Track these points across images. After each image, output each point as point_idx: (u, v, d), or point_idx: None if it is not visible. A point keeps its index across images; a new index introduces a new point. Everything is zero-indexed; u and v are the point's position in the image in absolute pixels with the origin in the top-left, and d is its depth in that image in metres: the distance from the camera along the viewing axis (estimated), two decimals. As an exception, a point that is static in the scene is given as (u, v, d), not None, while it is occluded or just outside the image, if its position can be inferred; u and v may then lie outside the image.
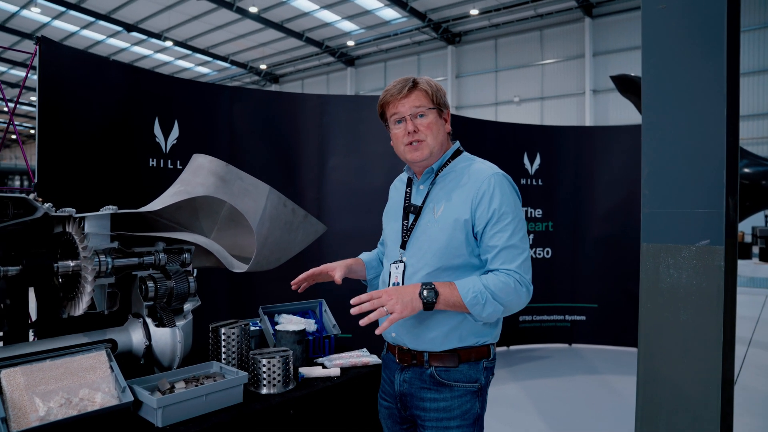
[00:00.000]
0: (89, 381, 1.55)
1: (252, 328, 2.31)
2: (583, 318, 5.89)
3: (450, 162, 1.75)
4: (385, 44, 22.03)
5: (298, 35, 21.23)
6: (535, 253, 5.80)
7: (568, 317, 5.91)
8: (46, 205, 1.58)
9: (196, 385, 1.66)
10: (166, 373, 1.73)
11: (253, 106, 4.24)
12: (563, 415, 4.15)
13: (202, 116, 3.97)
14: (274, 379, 1.81)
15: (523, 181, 5.74)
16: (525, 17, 18.37)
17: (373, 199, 4.46)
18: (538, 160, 5.78)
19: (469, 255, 1.62)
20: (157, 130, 3.71)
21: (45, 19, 19.53)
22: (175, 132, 3.83)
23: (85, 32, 20.72)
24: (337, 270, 1.83)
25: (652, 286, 2.57)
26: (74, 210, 1.72)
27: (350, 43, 22.05)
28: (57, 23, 19.95)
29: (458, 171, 1.71)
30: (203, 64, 25.03)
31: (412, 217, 1.72)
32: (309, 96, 4.55)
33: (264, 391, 1.82)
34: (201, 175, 1.87)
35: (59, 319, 1.71)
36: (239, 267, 1.99)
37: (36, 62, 2.89)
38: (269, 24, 19.93)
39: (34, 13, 18.89)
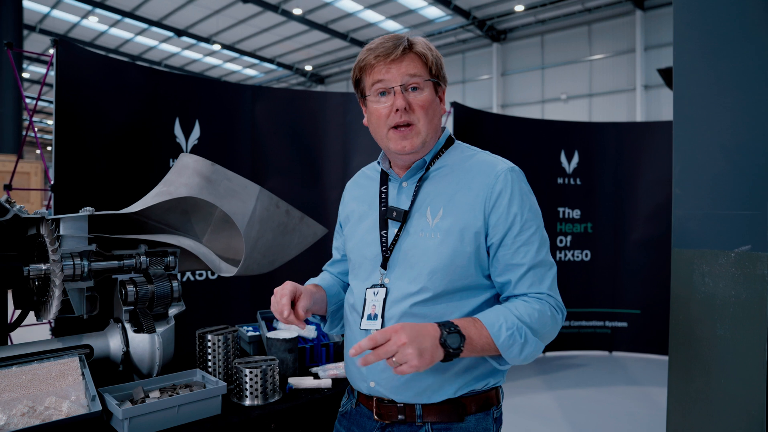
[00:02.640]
0: (58, 389, 1.50)
1: (253, 333, 2.24)
2: (625, 324, 5.58)
3: (442, 153, 1.36)
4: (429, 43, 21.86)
5: (343, 36, 21.31)
6: (573, 255, 5.54)
7: (608, 323, 5.60)
8: (17, 206, 1.55)
9: (171, 395, 1.59)
10: (145, 381, 1.66)
11: (275, 105, 4.19)
12: (598, 429, 3.91)
13: (224, 116, 3.96)
14: (256, 390, 1.72)
15: (559, 180, 5.49)
16: (572, 12, 17.78)
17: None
18: (576, 158, 5.51)
19: (477, 274, 1.25)
20: (178, 130, 3.71)
21: (102, 27, 20.37)
22: (196, 132, 3.82)
23: (139, 38, 21.47)
24: (300, 305, 1.28)
25: (684, 296, 2.33)
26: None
27: (394, 42, 21.98)
28: (113, 31, 20.76)
29: (456, 164, 1.33)
30: (250, 66, 25.52)
31: (394, 225, 1.30)
32: (332, 94, 4.47)
33: (247, 402, 1.73)
34: (185, 175, 1.80)
35: (77, 321, 1.68)
36: (227, 270, 1.91)
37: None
38: (314, 25, 20.09)
39: (92, 23, 19.73)
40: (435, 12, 18.99)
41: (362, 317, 1.29)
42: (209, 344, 1.84)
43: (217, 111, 3.94)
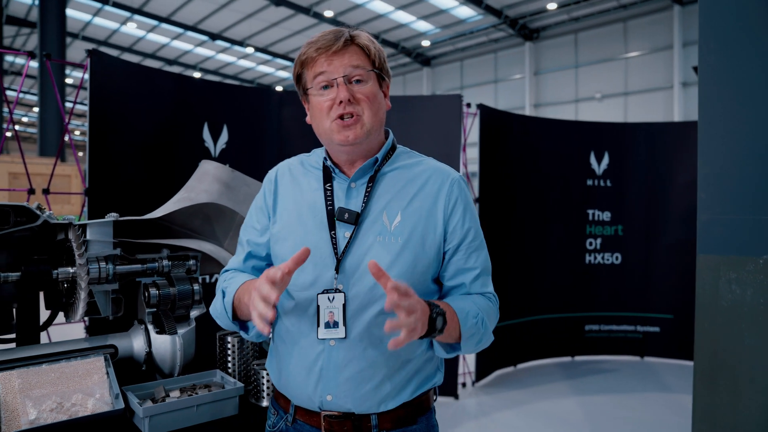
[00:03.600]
0: (84, 386, 1.57)
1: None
2: (657, 329, 5.45)
3: (390, 155, 1.32)
4: (460, 43, 21.73)
5: (374, 37, 21.40)
6: (602, 258, 5.45)
7: (639, 328, 5.49)
8: (47, 212, 1.63)
9: (190, 395, 1.64)
10: (166, 380, 1.73)
11: (302, 109, 4.23)
12: (624, 436, 3.84)
13: (251, 120, 4.04)
14: (272, 391, 1.76)
15: (589, 182, 5.41)
16: (607, 9, 17.42)
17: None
18: (606, 160, 5.42)
19: (430, 279, 1.26)
20: (206, 135, 3.81)
21: (140, 33, 20.96)
22: (224, 136, 3.91)
23: (175, 43, 22.01)
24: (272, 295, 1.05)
25: (710, 304, 2.28)
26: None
27: (425, 43, 21.94)
28: (150, 36, 21.33)
29: (406, 168, 1.29)
30: (283, 68, 25.86)
31: (343, 227, 1.23)
32: (359, 98, 4.51)
33: (264, 403, 1.77)
34: (206, 182, 1.85)
35: (109, 321, 1.76)
36: (247, 274, 1.96)
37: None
38: (345, 27, 20.25)
39: (130, 29, 20.34)
40: (466, 12, 18.88)
41: (318, 326, 1.20)
42: (229, 346, 1.90)
43: (245, 115, 4.02)
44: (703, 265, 2.26)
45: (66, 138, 3.15)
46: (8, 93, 27.08)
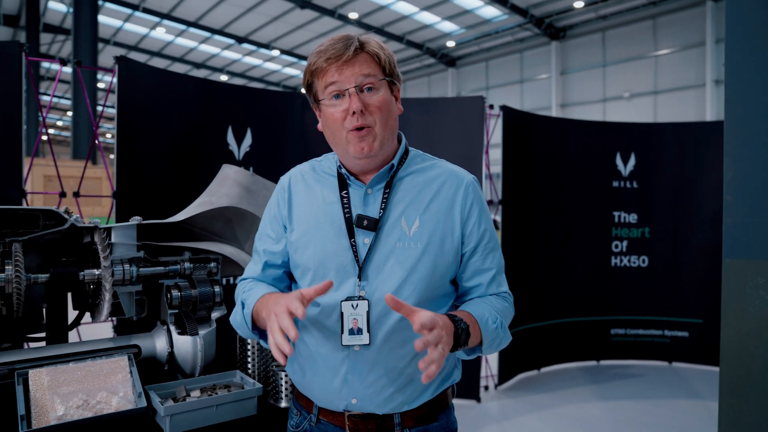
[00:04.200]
0: (108, 384, 1.62)
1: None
2: (686, 334, 5.33)
3: (405, 159, 1.32)
4: (486, 43, 21.62)
5: (399, 38, 21.43)
6: (629, 261, 5.35)
7: (667, 332, 5.38)
8: (74, 216, 1.68)
9: (210, 395, 1.68)
10: (188, 380, 1.77)
11: (325, 112, 4.29)
12: (650, 442, 3.77)
13: (274, 123, 4.10)
14: (291, 392, 1.79)
15: (615, 183, 5.33)
16: (636, 6, 17.13)
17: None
18: (632, 161, 5.33)
19: (448, 281, 1.28)
20: (230, 138, 3.88)
21: (169, 38, 21.40)
22: (248, 139, 3.97)
23: (203, 47, 22.42)
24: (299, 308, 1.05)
25: (737, 310, 2.22)
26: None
27: (450, 43, 21.89)
28: (179, 41, 21.77)
29: (421, 172, 1.30)
30: (308, 71, 26.13)
31: (363, 234, 1.24)
32: (381, 100, 4.53)
33: (283, 404, 1.80)
34: (226, 186, 1.89)
35: (136, 321, 1.81)
36: (267, 276, 1.99)
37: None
38: (370, 29, 20.31)
39: (159, 34, 20.78)
40: (492, 11, 18.77)
41: (342, 332, 1.21)
42: (249, 347, 1.93)
43: (268, 119, 4.08)
44: (729, 269, 2.20)
45: (96, 141, 3.24)
46: (43, 98, 27.93)
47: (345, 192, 1.28)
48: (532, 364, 5.14)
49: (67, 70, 17.32)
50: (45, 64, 23.72)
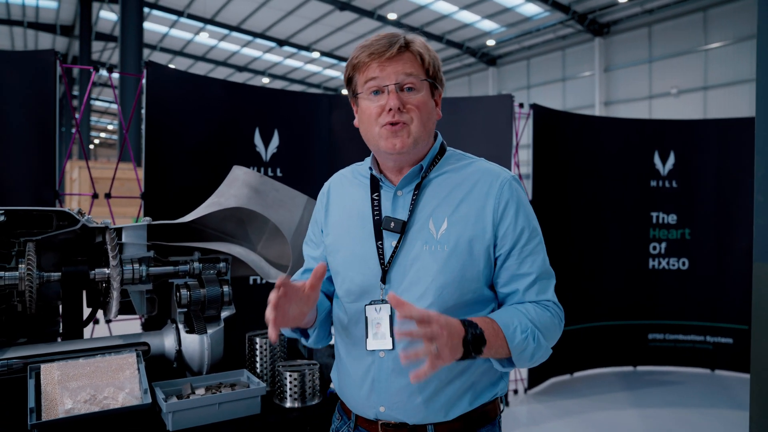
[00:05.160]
0: (116, 380, 1.67)
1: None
2: (730, 341, 5.09)
3: (438, 159, 1.29)
4: (527, 41, 21.23)
5: (438, 38, 21.32)
6: (667, 263, 5.15)
7: (709, 338, 5.14)
8: (86, 217, 1.74)
9: (215, 393, 1.71)
10: (194, 378, 1.80)
11: (351, 113, 4.30)
12: (685, 453, 3.62)
13: (301, 124, 4.13)
14: (295, 392, 1.80)
15: (653, 183, 5.14)
16: (685, -1, 16.49)
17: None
18: (671, 159, 5.12)
19: (484, 286, 1.22)
20: (258, 139, 3.93)
21: (212, 42, 21.96)
22: (275, 141, 4.02)
23: (245, 50, 22.89)
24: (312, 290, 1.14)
25: (767, 316, 2.11)
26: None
27: (490, 42, 21.62)
28: (222, 45, 22.30)
29: (454, 172, 1.27)
30: (349, 72, 26.32)
31: (390, 236, 1.22)
32: (408, 100, 4.51)
33: (288, 404, 1.81)
34: (235, 187, 1.92)
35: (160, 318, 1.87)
36: (276, 276, 2.01)
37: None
38: (409, 29, 20.17)
39: (203, 39, 21.36)
40: (533, 9, 18.43)
41: (367, 336, 1.21)
42: (257, 347, 1.95)
43: (295, 120, 4.12)
44: (760, 273, 2.09)
45: (126, 143, 3.35)
46: (96, 103, 29.13)
47: (376, 194, 1.28)
48: (565, 368, 5.02)
49: (115, 75, 18.00)
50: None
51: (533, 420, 4.15)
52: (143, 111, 3.21)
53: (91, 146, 29.08)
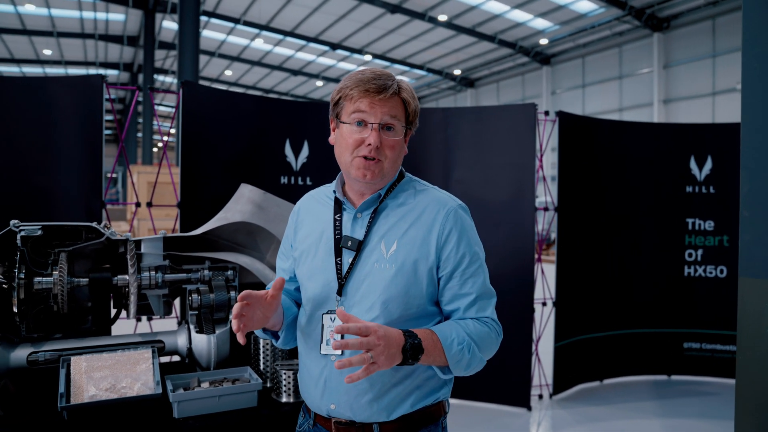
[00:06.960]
0: (133, 372, 1.92)
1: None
2: (770, 352, 4.92)
3: (395, 186, 1.43)
4: (581, 39, 20.72)
5: (491, 38, 21.16)
6: (704, 271, 5.04)
7: (749, 349, 4.98)
8: (110, 230, 2.01)
9: (217, 386, 1.93)
10: (202, 372, 2.04)
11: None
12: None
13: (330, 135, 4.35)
14: (289, 388, 2.00)
15: (689, 189, 5.05)
16: (752, -11, 15.66)
17: (500, 212, 4.38)
18: (708, 164, 5.01)
19: (427, 302, 1.35)
20: (288, 150, 4.18)
21: (268, 47, 22.73)
22: (305, 151, 4.26)
23: (299, 54, 23.54)
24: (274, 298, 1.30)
25: (753, 331, 2.14)
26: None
27: (543, 41, 21.24)
28: (277, 50, 23.03)
29: (408, 199, 1.42)
30: (401, 74, 26.47)
31: (348, 254, 1.37)
32: (434, 110, 4.65)
33: (284, 399, 2.02)
34: (241, 203, 2.14)
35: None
36: (279, 283, 2.22)
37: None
38: (461, 30, 20.25)
39: (259, 44, 22.15)
40: (587, 5, 17.98)
41: (321, 342, 1.36)
42: (261, 347, 2.17)
43: (325, 130, 4.33)
44: (744, 289, 2.11)
45: (162, 153, 3.67)
46: (160, 108, 30.64)
47: (338, 215, 1.42)
48: (594, 374, 5.01)
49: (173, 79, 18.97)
50: (158, 77, 26.07)
51: (553, 425, 4.20)
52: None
53: (155, 149, 30.57)
